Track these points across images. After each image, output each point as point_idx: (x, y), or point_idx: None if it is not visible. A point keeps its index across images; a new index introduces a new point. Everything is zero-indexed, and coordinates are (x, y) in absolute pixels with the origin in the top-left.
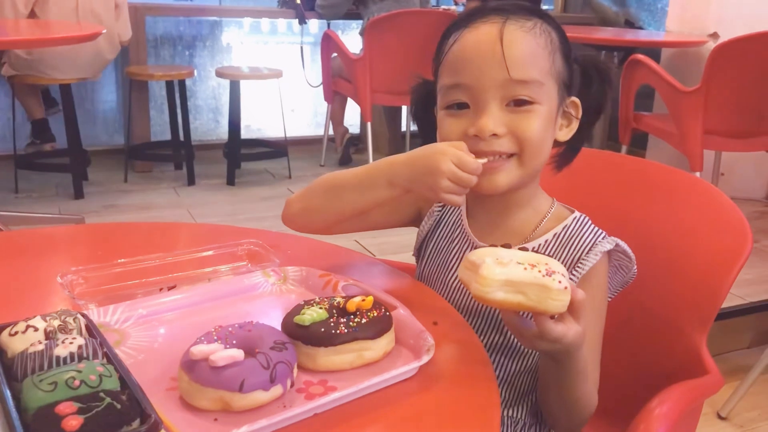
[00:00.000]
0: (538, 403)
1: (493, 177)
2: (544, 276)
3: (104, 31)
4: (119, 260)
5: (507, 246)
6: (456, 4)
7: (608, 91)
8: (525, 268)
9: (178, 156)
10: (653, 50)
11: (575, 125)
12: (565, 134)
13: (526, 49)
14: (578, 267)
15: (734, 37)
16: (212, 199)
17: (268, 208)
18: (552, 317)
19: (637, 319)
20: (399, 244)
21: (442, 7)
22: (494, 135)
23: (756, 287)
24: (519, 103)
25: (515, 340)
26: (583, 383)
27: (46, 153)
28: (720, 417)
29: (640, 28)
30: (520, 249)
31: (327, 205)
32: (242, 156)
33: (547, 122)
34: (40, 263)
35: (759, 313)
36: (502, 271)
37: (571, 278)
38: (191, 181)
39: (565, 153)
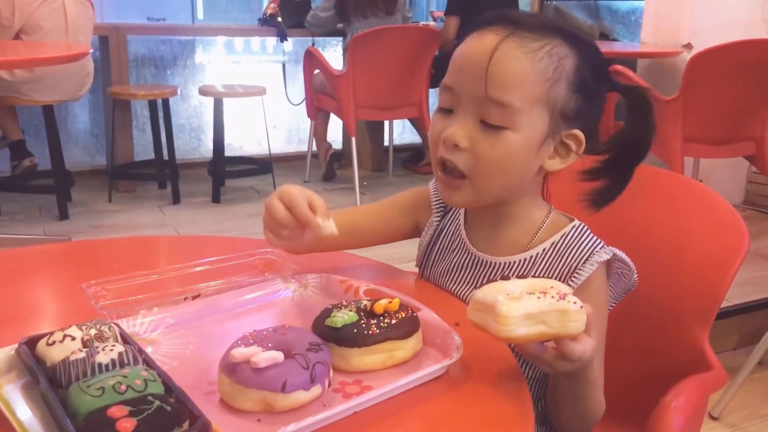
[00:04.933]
0: (548, 415)
1: (450, 193)
2: (558, 300)
3: (91, 51)
4: (139, 272)
5: (506, 278)
6: (434, 19)
7: (649, 128)
8: (538, 297)
9: (162, 175)
10: (628, 62)
11: (572, 158)
12: (557, 164)
13: (513, 71)
14: (574, 277)
15: (710, 46)
16: (198, 217)
17: (254, 224)
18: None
19: (640, 319)
20: (387, 257)
21: (422, 23)
22: (456, 146)
23: (740, 289)
24: (488, 124)
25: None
26: (594, 392)
27: (30, 172)
28: (712, 417)
29: (615, 40)
30: (518, 277)
31: None
32: (226, 173)
33: (519, 150)
34: (57, 277)
35: (744, 314)
36: (519, 306)
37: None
38: (176, 199)
39: (605, 192)
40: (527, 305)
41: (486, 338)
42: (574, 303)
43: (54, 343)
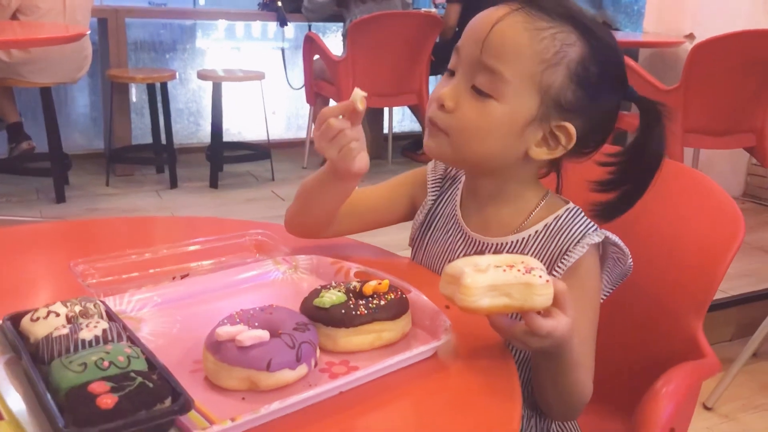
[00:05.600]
0: (534, 396)
1: (429, 141)
2: (524, 274)
3: (89, 32)
4: (129, 251)
5: (480, 253)
6: (435, 6)
7: (657, 141)
8: (504, 270)
9: (159, 159)
10: (630, 52)
11: (560, 151)
12: (543, 154)
13: (510, 42)
14: (565, 258)
15: (711, 36)
16: (196, 202)
17: (252, 209)
18: (539, 313)
19: (634, 306)
20: (383, 243)
21: (423, 9)
22: (442, 106)
23: (737, 281)
24: (477, 90)
25: None
26: (576, 373)
27: (27, 155)
28: (706, 407)
29: (617, 29)
30: (494, 253)
31: (304, 208)
32: (225, 159)
33: (501, 123)
34: (48, 256)
35: (740, 306)
36: (484, 278)
37: (557, 269)
38: (174, 184)
39: (614, 205)
40: (491, 277)
41: (475, 321)
42: (540, 277)
43: (38, 319)
